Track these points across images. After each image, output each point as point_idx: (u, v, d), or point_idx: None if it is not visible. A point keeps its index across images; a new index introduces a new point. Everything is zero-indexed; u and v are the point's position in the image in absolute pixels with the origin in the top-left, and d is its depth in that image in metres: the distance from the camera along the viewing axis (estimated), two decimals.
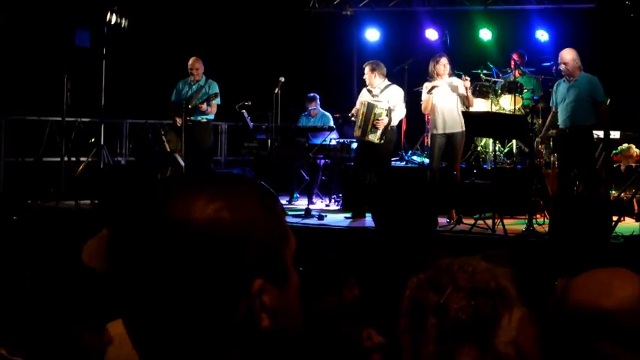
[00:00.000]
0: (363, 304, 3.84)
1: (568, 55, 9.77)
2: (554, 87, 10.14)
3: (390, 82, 10.96)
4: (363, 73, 11.12)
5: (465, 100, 10.48)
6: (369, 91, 10.97)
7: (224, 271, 1.15)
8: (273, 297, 1.19)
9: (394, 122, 10.75)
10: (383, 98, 10.78)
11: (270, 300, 1.18)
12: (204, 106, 11.61)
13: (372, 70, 10.87)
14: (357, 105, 10.99)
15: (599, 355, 1.73)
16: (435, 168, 10.52)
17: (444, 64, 10.51)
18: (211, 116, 11.88)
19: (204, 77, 11.89)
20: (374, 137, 10.65)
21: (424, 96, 10.64)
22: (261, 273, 1.17)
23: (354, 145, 11.89)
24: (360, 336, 3.58)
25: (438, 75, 10.51)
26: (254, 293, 1.16)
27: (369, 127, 10.65)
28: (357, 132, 10.87)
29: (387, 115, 10.58)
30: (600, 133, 10.12)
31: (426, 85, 10.60)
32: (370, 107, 10.68)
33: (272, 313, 1.18)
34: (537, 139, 11.16)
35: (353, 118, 11.11)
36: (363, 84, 11.27)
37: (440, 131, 10.46)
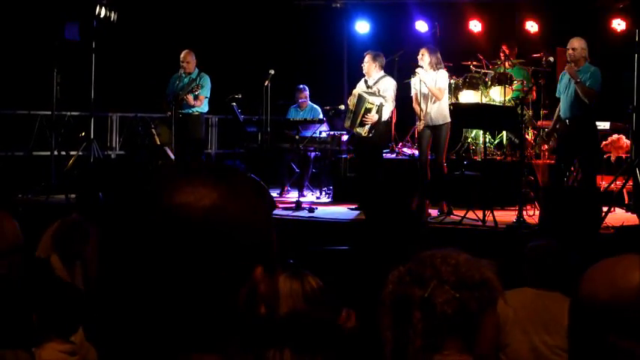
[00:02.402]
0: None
1: (576, 42, 9.74)
2: (560, 77, 10.11)
3: (385, 74, 10.98)
4: (354, 66, 11.11)
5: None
6: (365, 81, 10.98)
7: (228, 257, 1.15)
8: (266, 285, 1.19)
9: (385, 117, 10.75)
10: (376, 89, 10.78)
11: (264, 288, 1.18)
12: (190, 98, 11.58)
13: (374, 59, 10.87)
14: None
15: (613, 349, 1.67)
16: (423, 160, 10.53)
17: (421, 54, 10.49)
18: (204, 109, 11.86)
19: (196, 70, 11.88)
20: (361, 130, 10.67)
21: (412, 92, 10.70)
22: (259, 261, 1.18)
23: (345, 138, 11.91)
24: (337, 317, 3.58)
25: (419, 67, 10.52)
26: (257, 280, 1.16)
27: (358, 119, 10.67)
28: (347, 123, 10.91)
29: (377, 112, 10.59)
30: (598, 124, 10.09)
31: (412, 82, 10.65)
32: (361, 100, 10.68)
33: (265, 300, 1.19)
34: (544, 132, 11.14)
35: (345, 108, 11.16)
36: (352, 76, 11.29)
37: (422, 122, 10.49)
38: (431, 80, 10.37)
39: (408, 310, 2.01)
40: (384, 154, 11.61)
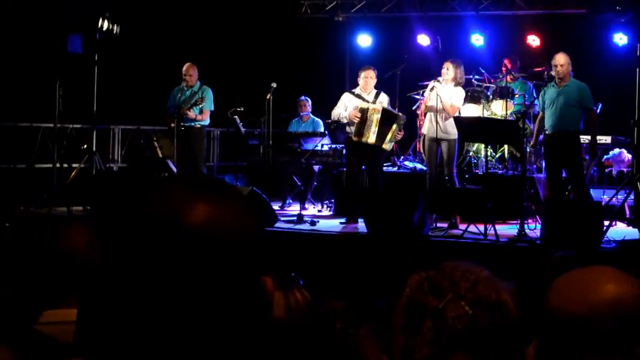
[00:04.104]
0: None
1: (563, 58, 9.83)
2: (542, 92, 10.19)
3: (377, 89, 11.00)
4: (356, 79, 11.10)
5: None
6: (359, 96, 10.92)
7: (247, 271, 1.16)
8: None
9: None
10: (379, 104, 10.79)
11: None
12: (191, 113, 11.57)
13: (376, 75, 10.92)
14: (355, 108, 10.74)
15: None
16: (433, 174, 10.55)
17: (446, 67, 10.53)
18: (206, 122, 11.87)
19: (198, 83, 11.88)
20: (390, 146, 10.71)
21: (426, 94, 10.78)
22: (259, 273, 1.19)
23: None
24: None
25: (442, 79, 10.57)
26: (271, 291, 1.18)
27: (390, 136, 10.61)
28: (372, 138, 10.61)
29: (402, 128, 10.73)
30: (588, 138, 10.16)
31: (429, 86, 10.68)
32: (391, 117, 10.64)
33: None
34: (529, 146, 11.21)
35: (351, 118, 10.76)
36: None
37: (429, 135, 10.49)
38: (447, 95, 10.38)
39: (421, 317, 2.02)
40: (385, 167, 11.65)
